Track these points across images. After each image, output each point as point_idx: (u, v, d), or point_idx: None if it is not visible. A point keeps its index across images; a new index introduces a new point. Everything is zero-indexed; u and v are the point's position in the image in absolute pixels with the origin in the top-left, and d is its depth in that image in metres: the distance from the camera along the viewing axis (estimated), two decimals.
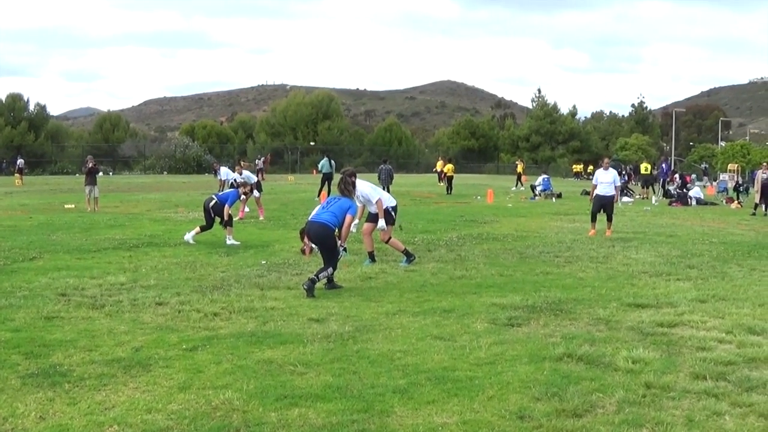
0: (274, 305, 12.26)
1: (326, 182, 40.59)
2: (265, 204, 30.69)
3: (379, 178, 44.84)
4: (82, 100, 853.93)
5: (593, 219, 24.53)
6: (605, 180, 24.49)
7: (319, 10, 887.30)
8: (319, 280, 13.60)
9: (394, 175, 47.25)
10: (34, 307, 11.99)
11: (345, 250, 14.92)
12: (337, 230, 14.43)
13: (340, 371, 8.43)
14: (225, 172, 34.97)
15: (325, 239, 14.22)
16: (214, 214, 21.04)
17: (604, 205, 24.52)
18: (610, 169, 24.95)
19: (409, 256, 17.24)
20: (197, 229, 21.04)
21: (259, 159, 77.26)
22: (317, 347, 9.47)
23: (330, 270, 13.94)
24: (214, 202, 21.18)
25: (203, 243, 20.30)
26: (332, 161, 42.15)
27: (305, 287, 13.25)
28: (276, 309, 11.96)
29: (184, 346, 9.47)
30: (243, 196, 23.90)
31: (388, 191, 44.06)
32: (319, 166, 42.80)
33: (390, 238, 17.28)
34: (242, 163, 32.45)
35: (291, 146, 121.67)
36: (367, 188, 16.81)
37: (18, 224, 25.65)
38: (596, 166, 28.41)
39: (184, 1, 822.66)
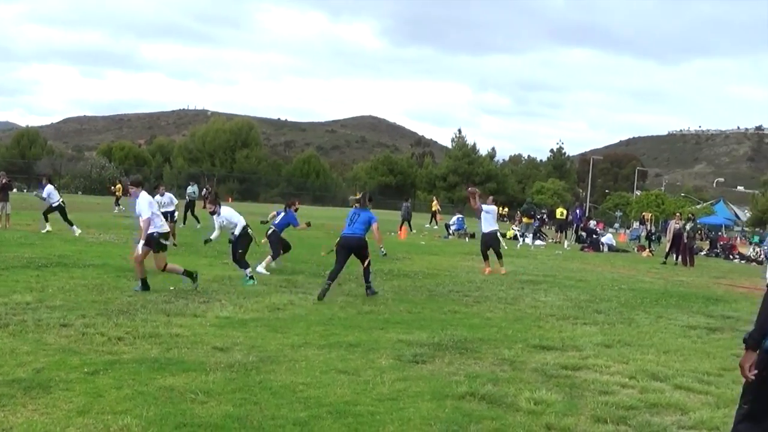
0: (179, 332, 12.16)
1: (190, 208, 40.82)
2: (178, 230, 30.49)
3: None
4: (1, 115, 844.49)
5: (485, 257, 25.34)
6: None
7: (249, 38, 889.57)
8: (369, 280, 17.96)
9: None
10: None
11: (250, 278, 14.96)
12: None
13: (242, 401, 8.41)
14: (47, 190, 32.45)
15: (359, 249, 18.00)
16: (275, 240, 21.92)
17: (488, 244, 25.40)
18: (492, 205, 26.02)
19: (144, 285, 16.60)
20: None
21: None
22: (220, 376, 9.42)
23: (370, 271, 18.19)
24: (272, 230, 21.93)
25: (112, 266, 20.09)
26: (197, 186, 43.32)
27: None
28: (181, 336, 11.87)
29: (85, 370, 9.36)
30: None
31: (410, 226, 47.75)
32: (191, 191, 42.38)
33: (148, 261, 16.69)
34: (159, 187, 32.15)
35: (208, 172, 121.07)
36: (227, 212, 18.78)
37: None
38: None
39: (114, 20, 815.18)
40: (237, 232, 19.25)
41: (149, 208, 16.61)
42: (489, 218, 25.44)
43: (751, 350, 5.88)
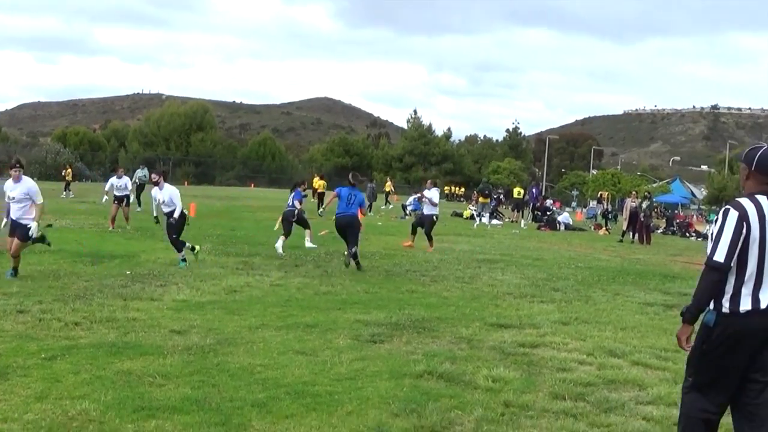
0: (136, 316, 12.12)
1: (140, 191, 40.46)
2: (134, 214, 30.33)
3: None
4: None
5: (413, 232, 27.10)
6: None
7: (203, 21, 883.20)
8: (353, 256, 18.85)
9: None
10: None
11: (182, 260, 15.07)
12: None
13: (200, 384, 8.40)
14: None
15: (352, 226, 19.45)
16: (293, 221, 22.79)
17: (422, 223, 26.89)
18: (433, 189, 27.58)
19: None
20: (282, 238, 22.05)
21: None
22: (177, 359, 9.40)
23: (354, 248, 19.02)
24: (297, 212, 22.84)
25: (68, 252, 19.91)
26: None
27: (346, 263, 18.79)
28: (138, 320, 11.82)
29: (43, 355, 9.31)
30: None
31: (370, 207, 48.11)
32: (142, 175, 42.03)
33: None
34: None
35: (163, 156, 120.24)
36: (171, 191, 19.31)
37: None
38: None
39: (67, 4, 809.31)
40: (176, 214, 19.13)
41: (40, 193, 16.67)
42: (432, 201, 26.83)
43: (687, 324, 6.01)
